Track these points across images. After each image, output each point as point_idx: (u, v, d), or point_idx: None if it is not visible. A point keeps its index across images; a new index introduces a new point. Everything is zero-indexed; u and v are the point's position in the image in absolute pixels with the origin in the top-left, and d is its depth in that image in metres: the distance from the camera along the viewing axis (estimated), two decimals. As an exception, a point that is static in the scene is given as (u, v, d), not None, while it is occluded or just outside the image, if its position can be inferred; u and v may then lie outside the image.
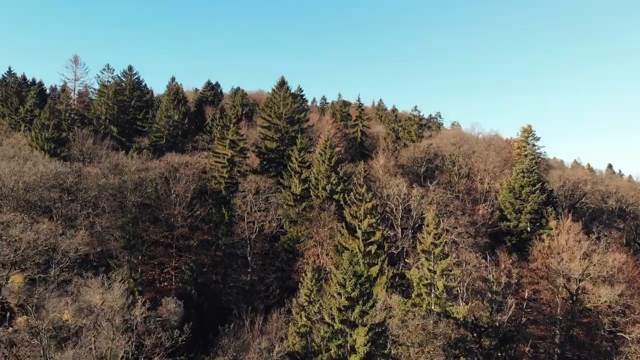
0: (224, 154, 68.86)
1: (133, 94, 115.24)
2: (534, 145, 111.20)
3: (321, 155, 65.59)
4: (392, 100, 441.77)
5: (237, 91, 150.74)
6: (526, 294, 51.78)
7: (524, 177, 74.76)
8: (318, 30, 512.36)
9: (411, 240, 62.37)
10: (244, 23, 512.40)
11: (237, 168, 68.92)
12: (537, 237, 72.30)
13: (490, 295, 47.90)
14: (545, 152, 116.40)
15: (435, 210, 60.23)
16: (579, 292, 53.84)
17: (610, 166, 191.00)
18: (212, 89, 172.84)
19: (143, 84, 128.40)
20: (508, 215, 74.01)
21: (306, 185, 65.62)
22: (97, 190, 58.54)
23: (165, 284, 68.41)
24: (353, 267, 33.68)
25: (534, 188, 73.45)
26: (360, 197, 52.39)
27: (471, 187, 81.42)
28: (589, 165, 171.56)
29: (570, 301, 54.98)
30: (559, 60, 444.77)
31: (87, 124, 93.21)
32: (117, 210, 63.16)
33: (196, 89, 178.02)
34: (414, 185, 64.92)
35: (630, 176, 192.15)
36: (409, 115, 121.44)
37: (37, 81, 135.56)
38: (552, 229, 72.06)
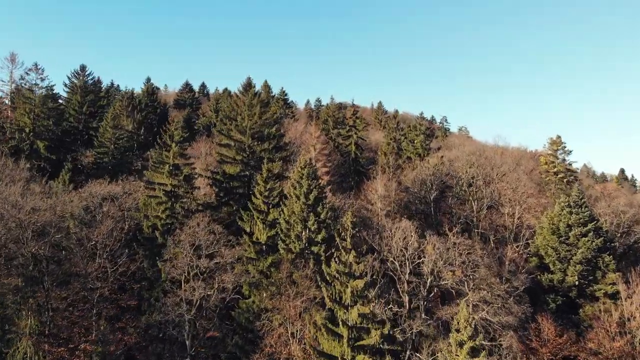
0: (162, 185, 49.61)
1: (85, 98, 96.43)
2: (564, 160, 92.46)
3: (295, 188, 46.51)
4: (393, 102, 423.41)
5: (224, 92, 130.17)
6: None
7: (571, 213, 55.68)
8: (310, 33, 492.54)
9: (423, 315, 43.56)
10: (243, 23, 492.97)
11: (180, 204, 49.73)
12: (592, 297, 53.57)
13: None
14: (578, 168, 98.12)
15: (459, 274, 41.37)
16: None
17: (622, 171, 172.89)
18: (191, 90, 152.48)
19: (100, 86, 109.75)
20: (551, 265, 54.89)
21: (274, 231, 46.75)
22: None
23: (79, 367, 49.64)
24: None
25: (585, 229, 54.39)
26: (347, 270, 33.29)
27: (497, 223, 62.25)
28: (616, 178, 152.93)
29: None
30: (559, 60, 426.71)
31: (10, 138, 74.25)
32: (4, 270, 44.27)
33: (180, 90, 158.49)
34: (426, 235, 45.69)
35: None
36: (415, 122, 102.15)
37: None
38: (610, 284, 53.53)
